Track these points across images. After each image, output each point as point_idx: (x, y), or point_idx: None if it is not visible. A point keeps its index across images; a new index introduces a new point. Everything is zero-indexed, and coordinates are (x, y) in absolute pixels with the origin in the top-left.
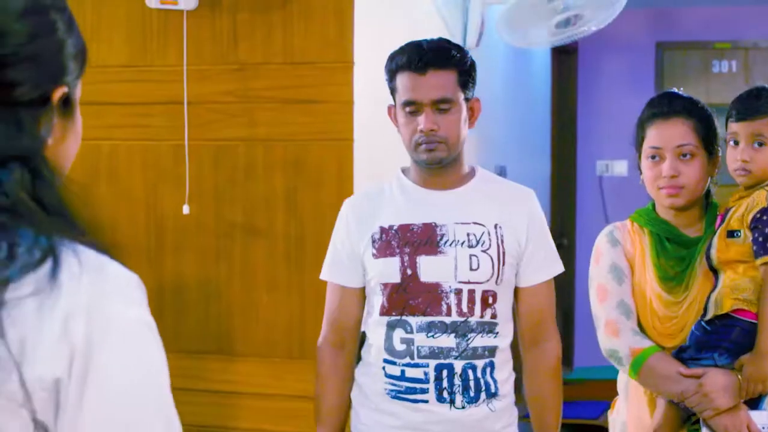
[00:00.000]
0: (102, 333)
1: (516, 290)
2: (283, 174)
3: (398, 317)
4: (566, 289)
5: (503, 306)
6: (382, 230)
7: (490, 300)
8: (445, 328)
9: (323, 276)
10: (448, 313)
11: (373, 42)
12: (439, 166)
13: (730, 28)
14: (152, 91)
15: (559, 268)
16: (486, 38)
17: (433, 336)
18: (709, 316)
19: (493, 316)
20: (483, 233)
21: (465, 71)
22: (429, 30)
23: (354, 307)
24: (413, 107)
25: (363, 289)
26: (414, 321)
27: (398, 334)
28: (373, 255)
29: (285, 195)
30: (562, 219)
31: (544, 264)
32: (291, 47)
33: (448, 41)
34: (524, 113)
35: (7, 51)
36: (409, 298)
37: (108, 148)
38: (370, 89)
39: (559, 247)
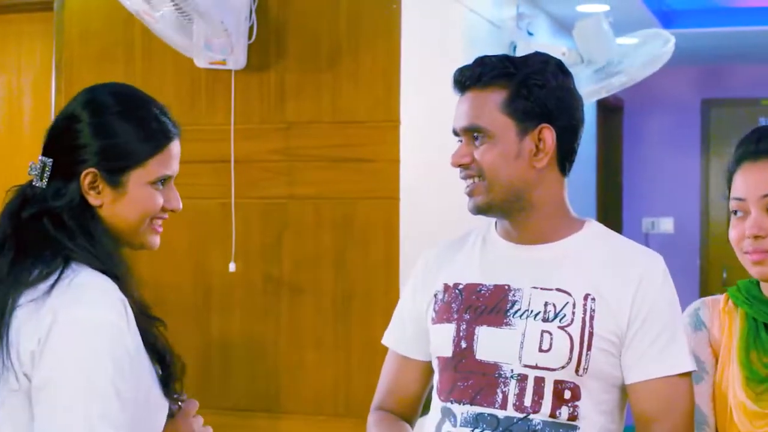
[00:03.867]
0: (59, 325)
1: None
2: (329, 232)
3: (445, 403)
4: None
5: (592, 406)
6: (446, 288)
7: (567, 395)
8: (496, 425)
9: (384, 340)
10: (503, 406)
11: (420, 102)
12: (487, 215)
13: None
14: (200, 149)
15: (685, 364)
16: None
17: None
18: None
19: (573, 417)
20: (566, 304)
21: (521, 89)
22: None
23: (415, 383)
24: (458, 137)
25: (430, 363)
26: (459, 411)
27: (446, 427)
28: (432, 319)
29: (332, 253)
30: None
31: (662, 354)
32: (338, 106)
33: (512, 57)
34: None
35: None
36: (458, 379)
37: None
38: (416, 148)
39: None
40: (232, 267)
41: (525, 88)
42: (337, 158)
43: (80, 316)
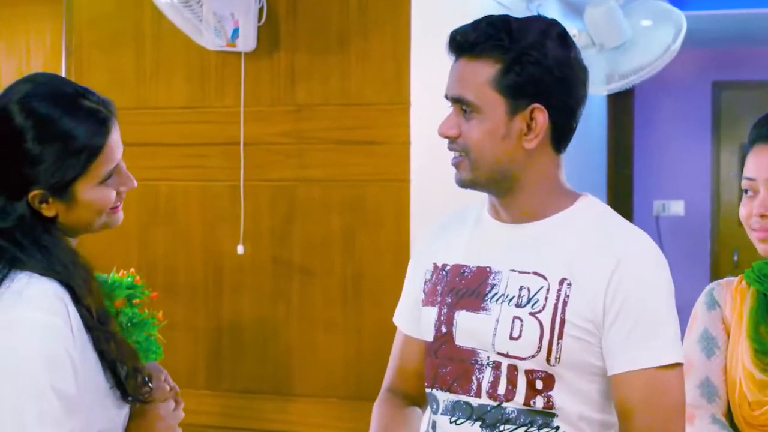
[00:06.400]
0: (3, 323)
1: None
2: (339, 214)
3: (430, 390)
4: None
5: (568, 396)
6: (435, 269)
7: (540, 385)
8: (470, 413)
9: (393, 317)
10: (477, 393)
11: (430, 83)
12: (473, 189)
13: None
14: (209, 132)
15: (667, 356)
16: None
17: (455, 422)
18: None
19: (548, 406)
20: (540, 289)
21: (513, 66)
22: None
23: (419, 362)
24: (449, 104)
25: None
26: (441, 398)
27: (430, 415)
28: (422, 301)
29: (341, 235)
30: None
31: (640, 345)
32: (348, 89)
33: (511, 24)
34: (580, 154)
35: None
36: (438, 365)
37: (166, 188)
38: (426, 130)
39: None
40: (240, 250)
41: (518, 64)
42: (347, 140)
43: (13, 317)
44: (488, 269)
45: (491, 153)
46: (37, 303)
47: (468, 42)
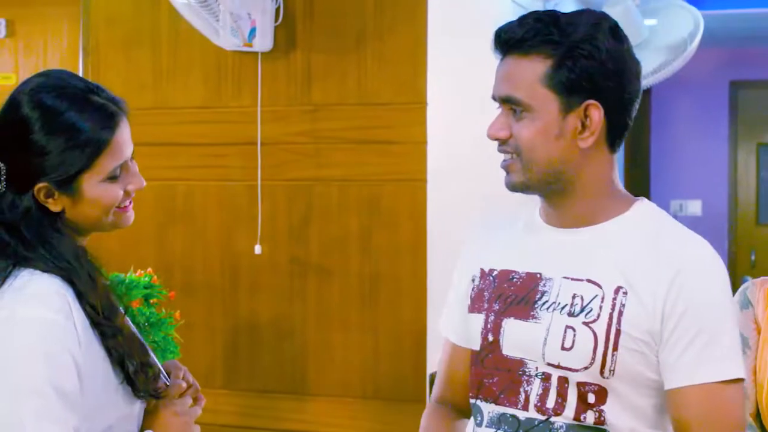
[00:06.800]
0: (0, 320)
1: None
2: (356, 214)
3: (475, 400)
4: None
5: (621, 411)
6: (482, 274)
7: (592, 398)
8: (516, 427)
9: (441, 327)
10: (524, 406)
11: (446, 83)
12: (524, 193)
13: None
14: (227, 132)
15: (728, 370)
16: None
17: None
18: None
19: (600, 421)
20: (594, 298)
21: (565, 60)
22: None
23: (466, 371)
24: (497, 105)
25: None
26: (486, 410)
27: (475, 427)
28: (468, 307)
29: (358, 235)
30: None
31: (700, 358)
32: (365, 88)
33: (560, 18)
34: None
35: None
36: (484, 375)
37: (183, 188)
38: (443, 130)
39: None
40: (257, 249)
41: (570, 59)
42: (363, 140)
43: (12, 314)
44: (539, 276)
45: (544, 153)
46: (38, 300)
47: (515, 38)
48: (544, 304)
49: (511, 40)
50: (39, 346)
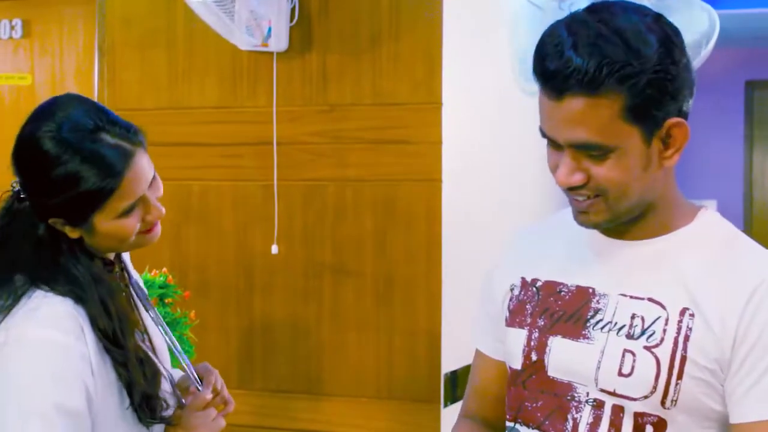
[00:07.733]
0: (7, 345)
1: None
2: (372, 215)
3: (512, 424)
4: None
5: None
6: (523, 284)
7: (650, 430)
8: None
9: (473, 339)
10: None
11: (462, 83)
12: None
13: None
14: (242, 132)
15: None
16: None
17: None
18: None
19: None
20: (657, 320)
21: (645, 92)
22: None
23: (497, 384)
24: (551, 141)
25: None
26: None
27: None
28: (506, 320)
29: (374, 235)
30: None
31: None
32: (380, 88)
33: (626, 36)
34: None
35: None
36: (526, 397)
37: (198, 188)
38: (458, 130)
39: None
40: (274, 249)
41: (652, 87)
42: (379, 140)
43: (23, 335)
44: (591, 290)
45: (637, 188)
46: (49, 321)
47: (584, 78)
48: (597, 323)
49: (577, 81)
50: (47, 368)
